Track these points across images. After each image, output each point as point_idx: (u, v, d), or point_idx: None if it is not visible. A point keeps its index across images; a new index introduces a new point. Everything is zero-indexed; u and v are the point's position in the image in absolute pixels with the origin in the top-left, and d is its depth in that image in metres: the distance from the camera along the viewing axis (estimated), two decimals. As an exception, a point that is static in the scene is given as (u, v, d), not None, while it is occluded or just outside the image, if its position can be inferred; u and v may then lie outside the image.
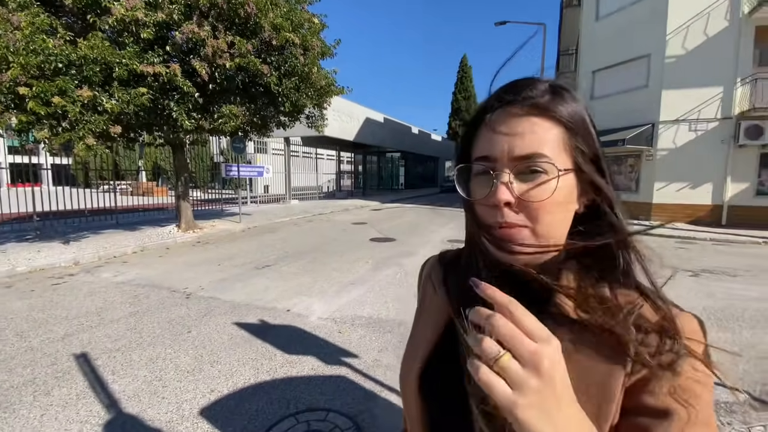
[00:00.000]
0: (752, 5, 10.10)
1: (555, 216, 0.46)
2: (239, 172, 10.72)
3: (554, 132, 0.46)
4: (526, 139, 0.46)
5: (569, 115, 0.47)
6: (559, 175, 0.45)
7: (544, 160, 0.45)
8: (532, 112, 0.47)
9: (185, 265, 6.08)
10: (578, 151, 0.47)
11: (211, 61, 6.62)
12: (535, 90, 0.47)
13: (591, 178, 0.48)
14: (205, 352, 3.17)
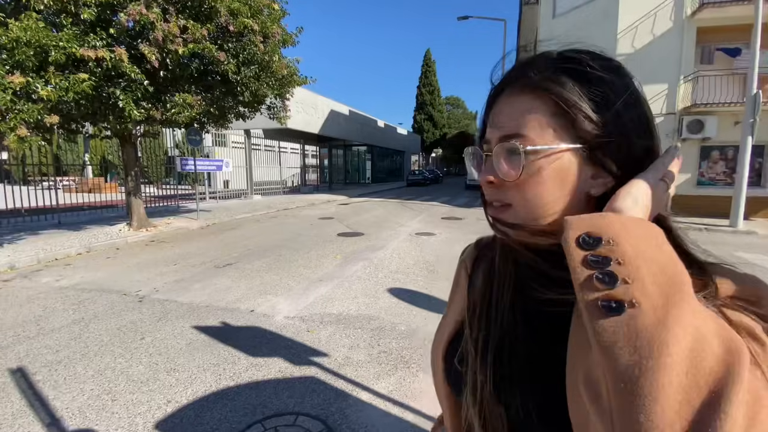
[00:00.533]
0: (694, 7, 10.82)
1: (540, 196, 0.44)
2: (196, 166, 10.17)
3: (539, 106, 0.44)
4: (509, 120, 0.46)
5: (560, 83, 0.43)
6: (523, 152, 0.43)
7: (518, 141, 0.44)
8: (524, 90, 0.45)
9: (137, 266, 5.66)
10: (577, 121, 0.42)
11: (162, 47, 6.16)
12: (534, 67, 0.46)
13: (606, 164, 0.43)
14: (161, 360, 2.94)
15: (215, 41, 6.86)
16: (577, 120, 0.42)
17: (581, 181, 0.44)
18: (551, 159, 0.43)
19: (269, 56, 7.36)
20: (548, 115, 0.43)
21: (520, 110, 0.45)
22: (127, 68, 5.93)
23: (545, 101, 0.43)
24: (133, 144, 8.29)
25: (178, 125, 7.93)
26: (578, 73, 0.44)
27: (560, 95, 0.43)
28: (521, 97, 0.45)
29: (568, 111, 0.42)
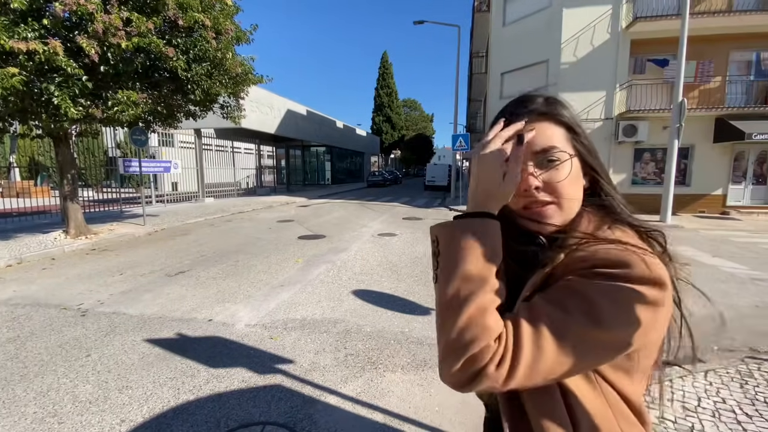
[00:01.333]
0: (628, 21, 11.81)
1: (572, 191, 0.64)
2: (141, 167, 9.53)
3: (559, 130, 0.66)
4: (540, 137, 0.64)
5: (567, 117, 0.67)
6: (571, 158, 0.64)
7: (557, 150, 0.64)
8: (539, 118, 0.65)
9: (78, 278, 5.22)
10: (577, 141, 0.67)
11: (103, 40, 5.71)
12: (535, 102, 0.67)
13: (588, 161, 0.67)
14: (111, 377, 2.74)
15: (163, 36, 6.47)
16: (578, 134, 0.66)
17: (581, 178, 0.67)
18: (574, 162, 0.65)
19: (222, 53, 7.06)
20: (565, 137, 0.65)
21: (545, 130, 0.64)
22: (62, 62, 5.43)
23: (560, 124, 0.66)
24: (68, 144, 7.61)
25: (121, 124, 7.38)
26: (563, 108, 0.68)
27: (569, 119, 0.66)
28: (545, 123, 0.65)
29: (574, 130, 0.66)
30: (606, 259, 0.55)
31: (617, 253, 0.55)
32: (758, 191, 12.48)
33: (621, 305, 0.52)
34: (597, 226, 0.64)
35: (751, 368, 2.83)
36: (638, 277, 0.52)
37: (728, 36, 11.75)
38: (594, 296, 0.52)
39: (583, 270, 0.56)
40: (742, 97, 12.20)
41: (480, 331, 0.54)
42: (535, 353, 0.52)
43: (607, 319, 0.51)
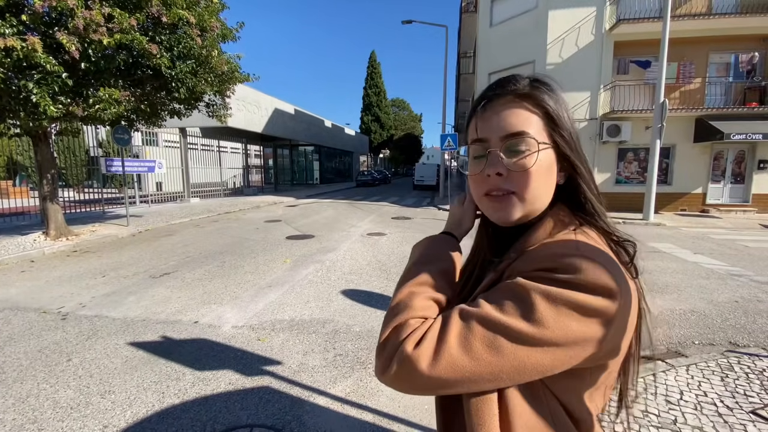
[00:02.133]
0: (612, 23, 12.03)
1: (538, 183, 0.58)
2: (124, 167, 9.32)
3: (535, 115, 0.58)
4: (512, 121, 0.58)
5: (548, 103, 0.59)
6: (539, 148, 0.57)
7: (527, 137, 0.57)
8: (516, 99, 0.58)
9: (58, 280, 5.07)
10: (556, 132, 0.59)
11: (83, 36, 5.56)
12: (518, 83, 0.60)
13: (567, 155, 0.60)
14: (93, 382, 2.67)
15: (146, 32, 6.33)
16: (557, 124, 0.59)
17: (555, 173, 0.60)
18: (547, 152, 0.58)
19: (207, 51, 6.95)
20: (542, 119, 0.58)
21: (520, 114, 0.58)
22: (41, 59, 5.27)
23: (539, 108, 0.58)
24: (48, 143, 7.40)
25: (103, 122, 7.21)
26: (556, 95, 0.60)
27: (549, 104, 0.58)
28: (519, 106, 0.58)
29: (554, 118, 0.59)
30: (554, 261, 0.50)
31: (568, 256, 0.50)
32: (736, 190, 12.85)
33: (560, 313, 0.47)
34: (562, 226, 0.59)
35: (731, 362, 2.91)
36: (586, 283, 0.47)
37: (708, 38, 12.07)
38: (534, 300, 0.48)
39: (528, 272, 0.51)
40: (721, 98, 12.55)
41: (402, 309, 0.55)
42: (461, 346, 0.48)
43: (544, 326, 0.47)
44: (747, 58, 12.09)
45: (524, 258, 0.55)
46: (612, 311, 0.47)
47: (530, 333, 0.47)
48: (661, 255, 6.50)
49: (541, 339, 0.47)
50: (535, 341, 0.47)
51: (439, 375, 0.48)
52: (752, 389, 2.54)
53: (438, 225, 9.92)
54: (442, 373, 0.48)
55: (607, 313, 0.47)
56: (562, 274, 0.49)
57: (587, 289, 0.47)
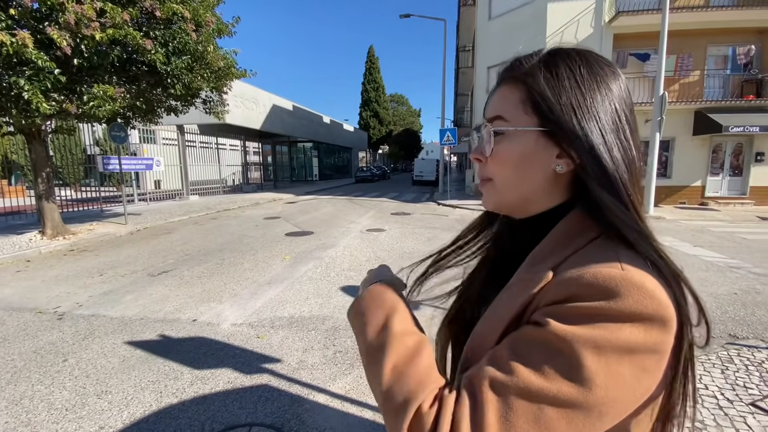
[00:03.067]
0: (611, 15, 11.94)
1: (511, 171, 0.52)
2: (121, 165, 9.25)
3: (515, 94, 0.51)
4: (495, 104, 0.54)
5: (532, 75, 0.50)
6: (492, 132, 0.52)
7: (500, 119, 0.52)
8: (506, 81, 0.53)
9: (55, 280, 5.03)
10: (539, 111, 0.49)
11: (75, 31, 5.48)
12: (522, 61, 0.53)
13: (566, 139, 0.48)
14: (89, 383, 2.64)
15: (140, 28, 6.25)
16: (542, 107, 0.49)
17: (546, 159, 0.50)
18: (521, 138, 0.51)
19: (203, 46, 6.87)
20: (521, 101, 0.51)
21: (501, 97, 0.53)
22: (32, 55, 5.19)
23: (519, 89, 0.51)
24: (42, 141, 7.33)
25: (98, 120, 7.13)
26: (553, 68, 0.50)
27: (531, 85, 0.50)
28: (504, 86, 0.54)
29: (535, 98, 0.50)
30: (590, 285, 0.41)
31: (606, 274, 0.41)
32: (735, 182, 12.83)
33: (610, 363, 0.38)
34: (580, 230, 0.49)
35: (731, 354, 2.90)
36: (630, 313, 0.39)
37: (706, 31, 11.99)
38: (578, 354, 0.39)
39: (558, 306, 0.42)
40: (719, 90, 12.50)
41: (401, 395, 0.43)
42: (505, 430, 0.38)
43: (597, 385, 0.38)
44: (744, 50, 12.02)
45: (556, 283, 0.44)
46: (663, 344, 0.39)
47: (582, 399, 0.38)
48: (660, 248, 6.48)
49: (596, 402, 0.38)
50: (590, 405, 0.38)
51: None
52: (752, 381, 2.54)
53: (437, 220, 9.89)
54: None
55: (663, 349, 0.39)
56: (598, 300, 0.40)
57: (635, 318, 0.39)
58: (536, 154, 0.50)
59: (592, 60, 0.51)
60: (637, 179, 0.49)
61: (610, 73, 0.50)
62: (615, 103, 0.49)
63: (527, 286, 0.47)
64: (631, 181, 0.48)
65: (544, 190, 0.52)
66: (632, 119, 0.50)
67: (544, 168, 0.50)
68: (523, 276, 0.50)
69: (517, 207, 0.55)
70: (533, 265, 0.49)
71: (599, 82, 0.49)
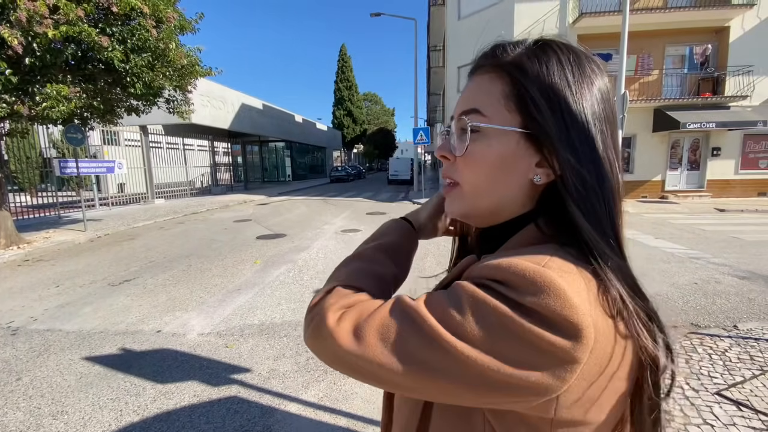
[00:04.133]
0: (575, 16, 12.32)
1: (484, 176, 0.45)
2: (79, 168, 8.77)
3: (498, 86, 0.44)
4: (470, 96, 0.46)
5: (520, 67, 0.43)
6: (469, 127, 0.44)
7: (476, 114, 0.44)
8: (488, 70, 0.46)
9: (8, 292, 4.70)
10: (525, 110, 0.43)
11: (27, 29, 5.13)
12: (505, 50, 0.45)
13: (549, 142, 0.42)
14: (44, 402, 2.46)
15: (96, 24, 5.92)
16: (529, 106, 0.42)
17: (525, 166, 0.44)
18: (500, 138, 0.44)
19: (164, 43, 6.58)
20: (504, 96, 0.44)
21: (481, 88, 0.46)
22: (-23, 53, 4.83)
23: (505, 81, 0.44)
24: (-9, 145, 6.83)
25: (53, 121, 6.71)
26: (544, 61, 0.43)
27: (518, 78, 0.43)
28: (485, 75, 0.46)
29: (523, 94, 0.43)
30: (510, 272, 0.37)
31: (531, 270, 0.37)
32: (692, 176, 13.54)
33: (493, 334, 0.35)
34: (539, 241, 0.45)
35: (694, 343, 3.02)
36: (547, 314, 0.34)
37: (664, 31, 12.57)
38: (464, 304, 0.37)
39: (478, 278, 0.40)
40: (677, 89, 13.14)
41: (335, 277, 0.51)
42: (378, 332, 0.39)
43: (463, 337, 0.36)
44: (701, 50, 12.69)
45: (481, 263, 0.42)
46: (571, 356, 0.34)
47: (444, 339, 0.36)
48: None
49: (453, 350, 0.36)
50: (445, 351, 0.36)
51: (350, 352, 0.40)
52: (716, 370, 2.64)
53: (412, 219, 9.92)
54: (354, 352, 0.40)
55: (564, 358, 0.34)
56: (516, 289, 0.36)
57: (548, 321, 0.34)
58: (515, 160, 0.44)
59: (582, 56, 0.45)
60: (621, 196, 0.44)
61: (598, 72, 0.45)
62: (604, 109, 0.43)
63: (456, 271, 0.48)
64: (616, 200, 0.43)
65: (516, 201, 0.46)
66: (616, 123, 0.45)
67: (521, 176, 0.44)
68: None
69: (485, 217, 0.49)
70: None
71: (590, 84, 0.43)
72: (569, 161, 0.41)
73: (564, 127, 0.41)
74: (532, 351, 0.35)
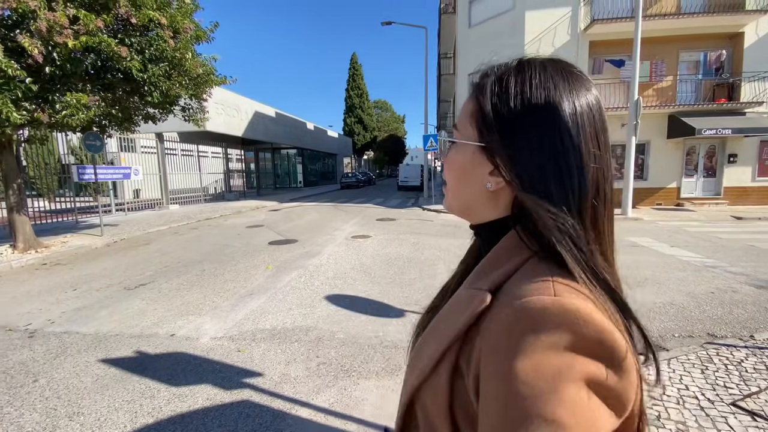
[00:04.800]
0: (586, 23, 12.29)
1: (454, 181, 0.55)
2: (97, 174, 8.99)
3: (468, 106, 0.53)
4: (458, 112, 0.56)
5: (481, 89, 0.51)
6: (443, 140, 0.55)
7: (454, 129, 0.55)
8: (472, 91, 0.54)
9: (26, 296, 4.82)
10: (475, 123, 0.50)
11: (47, 39, 5.32)
12: (487, 74, 0.52)
13: (497, 155, 0.48)
14: (61, 404, 2.52)
15: (115, 35, 6.12)
16: (479, 122, 0.50)
17: (480, 174, 0.51)
18: (463, 149, 0.53)
19: (181, 53, 6.75)
20: (470, 115, 0.52)
21: (463, 106, 0.55)
22: (2, 63, 5.02)
23: (473, 102, 0.52)
24: (13, 152, 7.06)
25: (72, 129, 6.92)
26: (505, 83, 0.49)
27: (478, 98, 0.51)
28: (469, 96, 0.54)
29: (478, 114, 0.50)
30: (537, 319, 0.39)
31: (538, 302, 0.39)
32: (708, 183, 13.28)
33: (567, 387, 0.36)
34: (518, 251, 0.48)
35: (710, 353, 2.95)
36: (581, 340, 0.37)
37: (678, 37, 12.45)
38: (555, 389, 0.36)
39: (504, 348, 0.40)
40: (692, 94, 12.96)
41: None
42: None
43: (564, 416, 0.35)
44: (715, 56, 12.52)
45: (496, 316, 0.42)
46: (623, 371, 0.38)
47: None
48: (639, 249, 6.64)
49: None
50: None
51: None
52: (732, 381, 2.58)
53: (423, 225, 9.91)
54: None
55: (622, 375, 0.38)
56: (551, 335, 0.37)
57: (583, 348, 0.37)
58: (472, 168, 0.51)
59: (553, 73, 0.47)
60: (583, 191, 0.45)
61: (575, 87, 0.47)
62: (563, 122, 0.45)
63: (468, 307, 0.46)
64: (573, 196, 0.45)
65: (482, 203, 0.52)
66: (593, 136, 0.46)
67: (478, 182, 0.51)
68: (463, 294, 0.50)
69: (463, 213, 0.57)
70: (474, 282, 0.49)
71: (551, 98, 0.45)
72: (511, 168, 0.47)
73: (509, 140, 0.47)
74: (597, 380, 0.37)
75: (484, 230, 0.55)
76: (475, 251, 0.63)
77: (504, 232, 0.51)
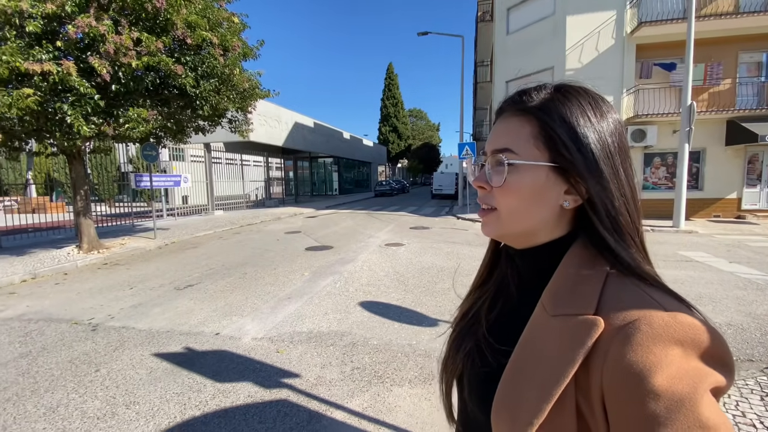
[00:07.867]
0: (633, 26, 11.77)
1: (519, 204, 0.53)
2: (152, 182, 9.70)
3: (527, 128, 0.53)
4: (501, 135, 0.55)
5: (543, 114, 0.52)
6: (506, 164, 0.52)
7: (508, 152, 0.53)
8: (517, 113, 0.54)
9: (89, 292, 5.29)
10: (552, 147, 0.51)
11: (114, 59, 5.88)
12: (529, 96, 0.54)
13: (578, 175, 0.50)
14: (119, 393, 2.75)
15: (172, 54, 6.64)
16: (556, 143, 0.51)
17: (555, 194, 0.52)
18: (531, 172, 0.52)
19: (230, 69, 7.21)
20: (533, 136, 0.52)
21: (511, 129, 0.54)
22: (75, 82, 5.60)
23: (533, 124, 0.52)
24: (81, 161, 7.80)
25: (133, 140, 7.55)
26: (567, 104, 0.52)
27: (545, 120, 0.52)
28: (514, 118, 0.54)
29: (550, 134, 0.51)
30: (672, 337, 0.40)
31: (659, 319, 0.42)
32: (774, 194, 12.18)
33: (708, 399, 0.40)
34: (590, 264, 0.50)
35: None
36: (712, 356, 0.41)
37: (736, 38, 11.62)
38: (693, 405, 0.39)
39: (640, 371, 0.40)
40: (754, 98, 12.00)
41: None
42: None
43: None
44: (780, 56, 11.55)
45: (615, 337, 0.42)
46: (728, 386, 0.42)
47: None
48: (693, 264, 6.20)
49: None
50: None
51: None
52: (796, 410, 2.37)
53: (457, 235, 9.82)
54: None
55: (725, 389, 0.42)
56: (693, 350, 0.41)
57: (715, 361, 0.41)
58: (546, 189, 0.52)
59: (597, 97, 0.54)
60: (640, 212, 0.53)
61: (612, 110, 0.54)
62: (620, 140, 0.52)
63: (576, 338, 0.44)
64: (637, 215, 0.52)
65: (548, 224, 0.53)
66: (628, 152, 0.54)
67: (552, 202, 0.52)
68: (555, 324, 0.47)
69: (519, 238, 0.56)
70: (558, 308, 0.48)
71: (607, 119, 0.52)
72: (595, 186, 0.50)
73: (588, 159, 0.50)
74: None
75: (542, 251, 0.55)
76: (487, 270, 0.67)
77: (556, 250, 0.53)
